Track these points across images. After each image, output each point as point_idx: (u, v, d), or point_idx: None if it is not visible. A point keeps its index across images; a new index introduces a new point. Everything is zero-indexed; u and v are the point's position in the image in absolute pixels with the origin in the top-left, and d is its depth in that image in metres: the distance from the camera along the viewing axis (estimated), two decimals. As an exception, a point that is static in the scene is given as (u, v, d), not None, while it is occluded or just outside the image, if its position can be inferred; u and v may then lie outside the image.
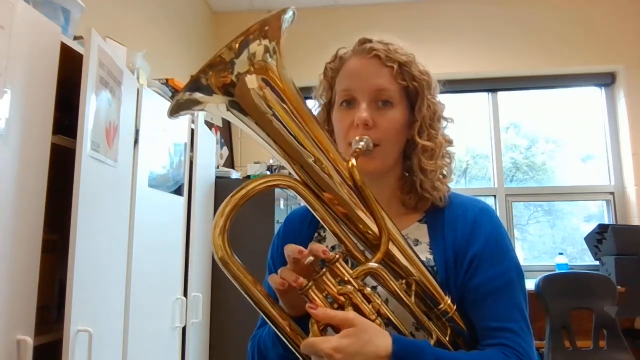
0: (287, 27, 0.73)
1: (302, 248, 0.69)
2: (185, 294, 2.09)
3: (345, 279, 0.69)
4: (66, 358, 1.23)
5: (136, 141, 1.69)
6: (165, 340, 1.93)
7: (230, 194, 0.70)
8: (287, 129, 0.71)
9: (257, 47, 0.68)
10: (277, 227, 1.00)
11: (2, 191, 1.12)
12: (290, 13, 0.72)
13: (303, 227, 0.93)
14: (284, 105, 0.71)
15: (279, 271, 0.71)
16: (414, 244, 0.84)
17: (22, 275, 1.17)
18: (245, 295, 0.70)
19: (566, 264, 3.23)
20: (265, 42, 0.69)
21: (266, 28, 0.69)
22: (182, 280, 2.09)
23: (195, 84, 0.68)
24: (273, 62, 0.70)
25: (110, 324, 1.50)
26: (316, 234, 0.92)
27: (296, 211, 0.98)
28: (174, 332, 2.00)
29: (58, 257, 1.40)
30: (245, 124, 0.71)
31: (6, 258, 1.12)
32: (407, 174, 0.90)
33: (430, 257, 0.82)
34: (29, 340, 1.15)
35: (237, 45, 0.66)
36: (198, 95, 0.70)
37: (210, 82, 0.68)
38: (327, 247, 0.87)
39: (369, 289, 0.70)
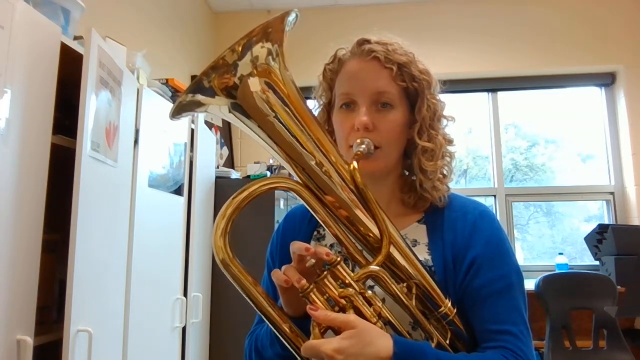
0: (289, 30, 0.73)
1: (308, 245, 0.69)
2: (185, 294, 2.09)
3: (347, 281, 0.69)
4: (66, 358, 1.23)
5: (136, 141, 1.69)
6: (165, 340, 1.93)
7: (232, 196, 0.70)
8: (289, 132, 0.71)
9: (260, 50, 0.68)
10: (277, 227, 1.00)
11: (2, 191, 1.12)
12: (293, 16, 0.72)
13: (303, 225, 0.93)
14: (287, 108, 0.71)
15: (283, 268, 0.71)
16: (413, 245, 0.84)
17: (22, 275, 1.17)
18: (246, 298, 0.71)
19: (566, 264, 3.23)
20: (268, 44, 0.69)
21: (269, 30, 0.69)
22: (182, 280, 2.09)
23: (197, 86, 0.68)
24: (276, 65, 0.70)
25: (110, 324, 1.50)
26: (315, 232, 0.93)
27: (297, 208, 0.98)
28: (174, 332, 2.00)
29: (58, 257, 1.41)
30: (248, 126, 0.72)
31: (6, 258, 1.12)
32: (406, 173, 0.90)
33: (429, 257, 0.82)
34: (29, 340, 1.15)
35: (240, 48, 0.67)
36: (200, 97, 0.70)
37: (213, 84, 0.68)
38: (326, 245, 0.88)
39: (370, 292, 0.70)
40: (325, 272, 0.68)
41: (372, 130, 0.81)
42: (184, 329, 2.07)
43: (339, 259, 0.69)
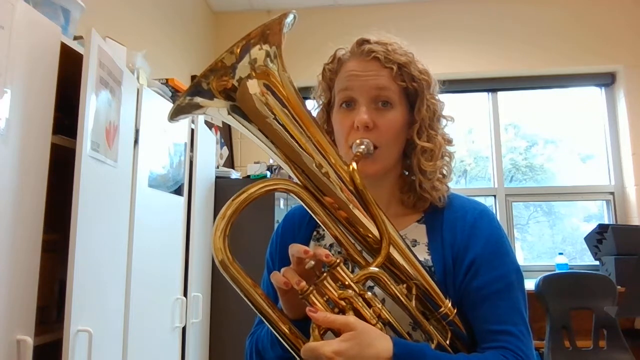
0: (288, 31, 0.73)
1: (307, 248, 0.69)
2: (185, 294, 2.09)
3: (346, 283, 0.69)
4: (66, 358, 1.23)
5: (136, 141, 1.69)
6: (165, 340, 1.93)
7: (231, 198, 0.70)
8: (288, 133, 0.71)
9: (258, 52, 0.68)
10: (276, 227, 1.00)
11: (2, 191, 1.12)
12: (291, 17, 0.72)
13: (302, 225, 0.93)
14: (285, 110, 0.71)
15: (282, 270, 0.71)
16: (412, 245, 0.84)
17: (22, 275, 1.17)
18: (246, 299, 0.70)
19: (566, 264, 3.23)
20: (266, 46, 0.69)
21: (267, 32, 0.69)
22: (182, 280, 2.09)
23: (196, 89, 0.68)
24: (274, 67, 0.71)
25: (110, 324, 1.50)
26: (315, 232, 0.93)
27: (296, 209, 0.98)
28: (174, 332, 2.00)
29: (58, 257, 1.40)
30: (247, 128, 0.72)
31: (6, 258, 1.12)
32: (406, 173, 0.90)
33: (429, 257, 0.82)
34: (29, 340, 1.15)
35: (238, 50, 0.67)
36: (199, 100, 0.70)
37: (212, 87, 0.68)
38: (325, 245, 0.88)
39: (369, 294, 0.70)
40: (324, 274, 0.68)
41: (372, 129, 0.81)
42: (184, 329, 2.07)
43: (338, 260, 0.69)
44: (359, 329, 0.65)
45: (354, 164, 0.72)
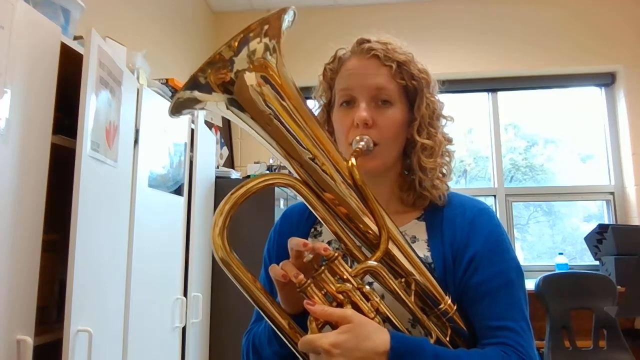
0: (288, 27, 0.73)
1: (306, 241, 0.69)
2: (185, 294, 2.09)
3: (345, 277, 0.69)
4: (66, 358, 1.23)
5: (136, 141, 1.69)
6: (165, 340, 1.93)
7: (230, 192, 0.70)
8: (286, 128, 0.71)
9: (256, 45, 0.68)
10: (274, 225, 1.00)
11: (2, 191, 1.12)
12: (291, 13, 0.72)
13: (300, 222, 0.94)
14: (284, 103, 0.71)
15: (281, 264, 0.71)
16: (412, 241, 0.84)
17: (22, 275, 1.17)
18: (245, 294, 0.71)
19: (566, 264, 3.23)
20: (265, 40, 0.69)
21: (266, 26, 0.69)
22: (182, 280, 2.09)
23: (194, 82, 0.68)
24: (273, 60, 0.70)
25: (110, 324, 1.50)
26: (312, 229, 0.93)
27: (294, 206, 0.98)
28: (174, 332, 2.00)
29: (58, 257, 1.40)
30: (245, 122, 0.72)
31: (6, 258, 1.12)
32: (406, 173, 0.91)
33: (428, 254, 0.82)
34: (29, 340, 1.15)
35: (236, 44, 0.67)
36: (197, 94, 0.70)
37: (210, 80, 0.68)
38: (323, 242, 0.88)
39: (367, 288, 0.70)
40: (322, 267, 0.68)
41: (372, 126, 0.81)
42: (184, 329, 2.07)
43: (336, 254, 0.69)
44: (357, 322, 0.65)
45: (353, 160, 0.72)
